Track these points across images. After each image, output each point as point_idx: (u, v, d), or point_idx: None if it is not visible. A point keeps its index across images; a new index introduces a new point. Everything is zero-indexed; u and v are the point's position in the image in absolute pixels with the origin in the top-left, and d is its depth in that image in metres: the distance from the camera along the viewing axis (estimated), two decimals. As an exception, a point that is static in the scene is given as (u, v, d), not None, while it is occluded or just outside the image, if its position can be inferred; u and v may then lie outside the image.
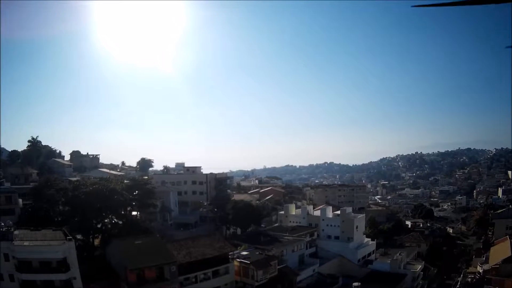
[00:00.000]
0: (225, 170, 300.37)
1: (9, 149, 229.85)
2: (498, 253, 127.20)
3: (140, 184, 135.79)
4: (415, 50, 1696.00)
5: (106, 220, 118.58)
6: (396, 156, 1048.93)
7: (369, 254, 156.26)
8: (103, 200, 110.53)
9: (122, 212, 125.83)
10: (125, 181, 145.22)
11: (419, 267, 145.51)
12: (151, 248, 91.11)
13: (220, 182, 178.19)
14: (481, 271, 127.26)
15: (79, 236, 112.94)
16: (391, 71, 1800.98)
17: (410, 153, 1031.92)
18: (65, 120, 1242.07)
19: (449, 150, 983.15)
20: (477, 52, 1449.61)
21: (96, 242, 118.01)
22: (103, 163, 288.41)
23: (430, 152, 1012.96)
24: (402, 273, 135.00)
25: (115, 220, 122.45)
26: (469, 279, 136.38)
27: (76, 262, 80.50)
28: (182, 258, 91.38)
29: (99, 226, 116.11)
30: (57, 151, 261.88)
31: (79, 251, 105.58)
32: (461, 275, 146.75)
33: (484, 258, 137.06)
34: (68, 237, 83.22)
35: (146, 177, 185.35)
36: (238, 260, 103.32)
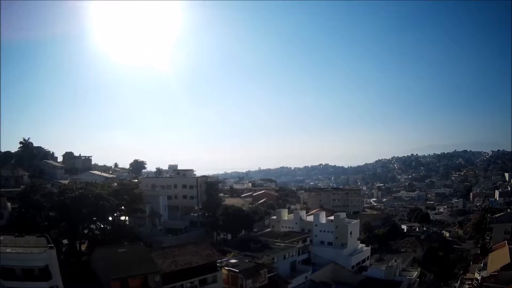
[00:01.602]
0: (220, 172, 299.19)
1: (3, 151, 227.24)
2: (497, 259, 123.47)
3: (128, 189, 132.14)
4: (412, 51, 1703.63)
5: (92, 226, 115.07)
6: (392, 158, 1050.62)
7: (364, 260, 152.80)
8: (88, 206, 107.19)
9: (110, 218, 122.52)
10: (114, 184, 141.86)
11: (415, 273, 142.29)
12: (135, 257, 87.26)
13: (211, 186, 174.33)
14: (479, 278, 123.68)
15: (65, 242, 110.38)
16: (388, 73, 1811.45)
17: (406, 155, 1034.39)
18: (61, 121, 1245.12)
19: (445, 152, 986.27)
20: (474, 54, 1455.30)
21: (84, 247, 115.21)
22: (97, 165, 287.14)
23: (426, 154, 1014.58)
24: (397, 280, 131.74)
25: (103, 225, 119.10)
26: (467, 286, 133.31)
27: (58, 270, 76.80)
28: (168, 267, 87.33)
29: (85, 231, 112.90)
30: (51, 152, 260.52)
31: (65, 257, 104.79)
32: (459, 281, 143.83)
33: (482, 265, 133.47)
34: (49, 245, 79.39)
35: (136, 180, 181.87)
36: (226, 268, 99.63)
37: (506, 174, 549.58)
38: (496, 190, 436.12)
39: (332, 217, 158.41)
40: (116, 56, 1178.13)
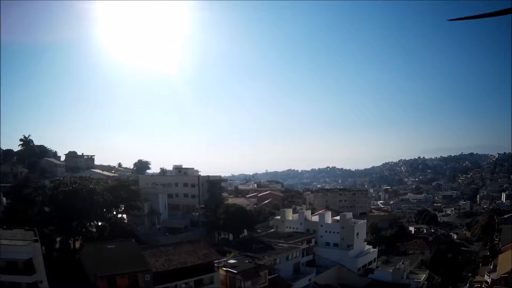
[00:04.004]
0: (227, 174, 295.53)
1: (5, 148, 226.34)
2: (507, 261, 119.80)
3: (124, 185, 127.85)
4: (417, 53, 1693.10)
5: (87, 223, 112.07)
6: (399, 161, 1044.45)
7: (370, 263, 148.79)
8: (82, 201, 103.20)
9: (109, 215, 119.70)
10: (109, 182, 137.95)
11: (423, 276, 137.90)
12: (125, 254, 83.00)
13: (214, 184, 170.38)
14: (489, 280, 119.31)
15: (59, 238, 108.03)
16: (394, 75, 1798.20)
17: (413, 158, 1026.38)
18: (67, 122, 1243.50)
19: (452, 155, 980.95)
20: (480, 56, 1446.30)
21: (78, 245, 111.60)
22: (102, 165, 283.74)
23: (432, 157, 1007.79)
24: (405, 283, 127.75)
25: (98, 222, 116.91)
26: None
27: (42, 265, 74.52)
28: (161, 266, 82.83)
29: (79, 228, 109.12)
30: (53, 151, 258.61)
31: (59, 254, 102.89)
32: (467, 285, 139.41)
33: (491, 267, 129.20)
34: (35, 238, 77.15)
35: (133, 178, 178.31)
36: (224, 269, 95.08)
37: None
38: (502, 193, 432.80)
39: (338, 217, 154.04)
40: (123, 57, 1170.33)
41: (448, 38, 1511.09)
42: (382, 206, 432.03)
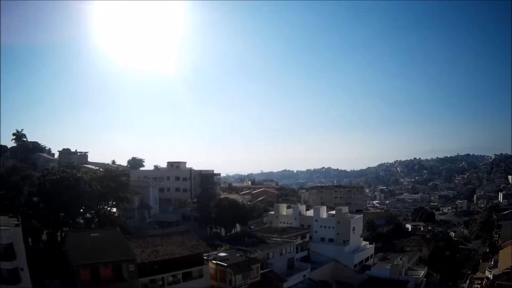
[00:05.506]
0: (222, 174, 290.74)
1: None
2: (508, 256, 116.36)
3: (113, 175, 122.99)
4: (415, 56, 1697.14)
5: (74, 213, 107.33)
6: (395, 161, 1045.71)
7: (367, 259, 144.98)
8: (69, 189, 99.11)
9: (97, 206, 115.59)
10: (98, 172, 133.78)
11: (422, 273, 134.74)
12: (109, 242, 78.93)
13: (206, 178, 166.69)
14: (490, 276, 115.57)
15: (46, 230, 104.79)
16: (391, 76, 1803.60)
17: (409, 159, 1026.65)
18: (64, 122, 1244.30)
19: (448, 156, 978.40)
20: (476, 58, 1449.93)
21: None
22: (96, 162, 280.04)
23: (429, 158, 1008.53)
24: (403, 280, 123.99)
25: (87, 214, 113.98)
26: (477, 285, 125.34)
27: (23, 251, 70.88)
28: (147, 257, 78.68)
29: (66, 219, 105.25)
30: (47, 148, 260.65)
31: (46, 246, 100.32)
32: (468, 281, 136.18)
33: (492, 263, 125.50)
34: (16, 223, 73.95)
35: (123, 169, 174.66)
36: (214, 262, 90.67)
37: (510, 177, 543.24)
38: (499, 193, 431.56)
39: (333, 212, 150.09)
40: (119, 57, 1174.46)
41: (445, 40, 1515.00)
42: (378, 205, 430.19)
